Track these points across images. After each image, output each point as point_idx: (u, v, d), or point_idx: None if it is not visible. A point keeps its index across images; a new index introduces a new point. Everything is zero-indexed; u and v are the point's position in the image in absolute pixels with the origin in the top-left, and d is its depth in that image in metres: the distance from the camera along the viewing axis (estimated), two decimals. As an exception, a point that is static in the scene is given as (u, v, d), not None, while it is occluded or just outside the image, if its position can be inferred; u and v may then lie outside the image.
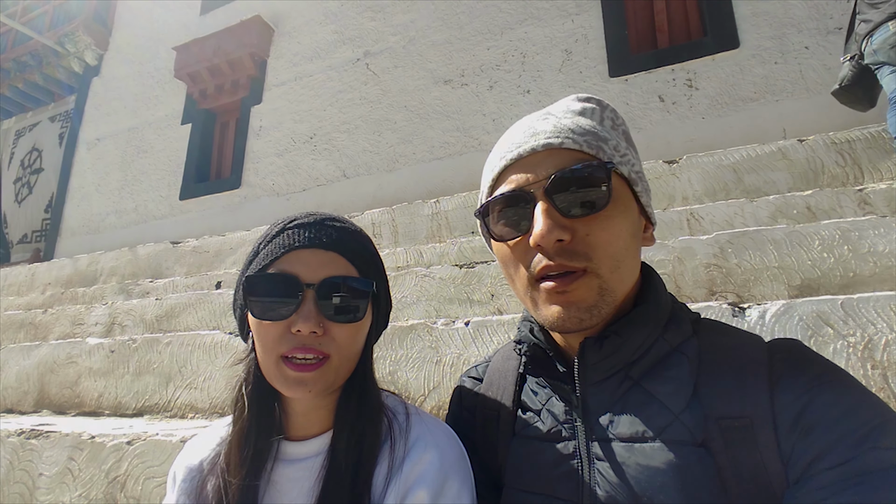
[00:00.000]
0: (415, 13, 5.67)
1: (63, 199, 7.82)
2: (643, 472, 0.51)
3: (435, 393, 1.72)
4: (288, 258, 0.61)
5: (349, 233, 0.66)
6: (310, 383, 0.59)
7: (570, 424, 0.58)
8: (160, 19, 7.89)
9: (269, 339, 0.60)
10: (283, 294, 0.59)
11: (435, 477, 0.59)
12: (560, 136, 0.56)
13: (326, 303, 0.60)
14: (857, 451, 0.43)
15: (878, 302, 1.27)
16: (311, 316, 0.58)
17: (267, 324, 0.60)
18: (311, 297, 0.59)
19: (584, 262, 0.53)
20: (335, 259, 0.62)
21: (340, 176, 5.61)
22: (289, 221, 0.65)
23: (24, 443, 1.75)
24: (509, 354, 0.71)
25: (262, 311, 0.60)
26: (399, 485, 0.60)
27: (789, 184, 2.74)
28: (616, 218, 0.55)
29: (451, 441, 0.64)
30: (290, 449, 0.64)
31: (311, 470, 0.62)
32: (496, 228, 0.59)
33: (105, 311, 3.38)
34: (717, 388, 0.52)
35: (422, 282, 2.47)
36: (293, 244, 0.61)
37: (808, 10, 3.90)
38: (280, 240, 0.62)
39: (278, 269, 0.61)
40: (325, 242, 0.62)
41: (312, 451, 0.64)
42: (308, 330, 0.58)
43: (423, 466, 0.60)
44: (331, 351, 0.60)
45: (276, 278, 0.60)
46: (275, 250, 0.62)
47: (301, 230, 0.63)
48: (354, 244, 0.65)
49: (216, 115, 7.04)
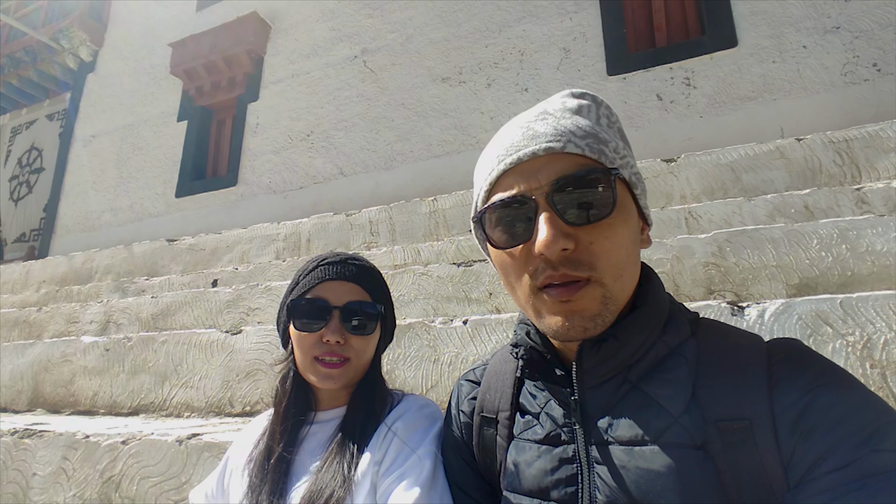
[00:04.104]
0: (412, 10, 5.65)
1: (58, 197, 7.77)
2: (643, 475, 0.50)
3: (433, 391, 1.71)
4: (321, 287, 0.84)
5: (365, 269, 0.90)
6: (336, 377, 0.82)
7: (569, 428, 0.57)
8: (156, 15, 7.84)
9: (307, 345, 0.82)
10: (318, 314, 0.83)
11: (411, 416, 0.81)
12: (562, 140, 0.54)
13: (348, 321, 0.83)
14: (858, 453, 0.42)
15: (876, 301, 1.27)
16: (337, 330, 0.81)
17: (305, 334, 0.83)
18: (337, 316, 0.82)
19: (587, 271, 0.52)
20: (355, 288, 0.85)
21: (338, 174, 5.60)
22: (321, 260, 0.89)
23: (17, 442, 1.74)
24: (506, 357, 0.70)
25: (302, 325, 0.83)
26: (383, 425, 0.81)
27: (787, 183, 2.75)
28: (619, 226, 0.54)
29: (430, 407, 0.86)
30: (319, 416, 0.88)
31: (330, 427, 0.85)
32: (495, 235, 0.57)
33: (100, 309, 3.36)
34: (715, 390, 0.51)
35: (419, 280, 2.46)
36: (325, 277, 0.85)
37: (805, 9, 3.90)
38: (315, 273, 0.86)
39: (314, 295, 0.84)
40: (348, 276, 0.86)
41: (332, 416, 0.87)
42: (334, 340, 0.81)
43: (402, 410, 0.83)
44: (350, 355, 0.83)
45: (312, 302, 0.84)
46: (312, 281, 0.85)
47: (331, 266, 0.87)
48: (369, 277, 0.89)
49: (212, 112, 7.00)
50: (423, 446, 0.75)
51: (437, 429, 0.79)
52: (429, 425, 0.80)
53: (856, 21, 3.71)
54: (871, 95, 3.55)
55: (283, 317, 0.89)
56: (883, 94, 3.51)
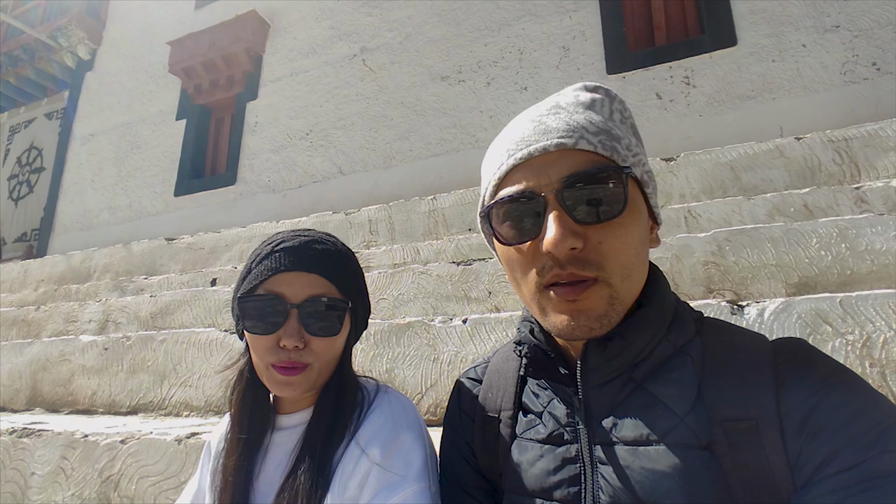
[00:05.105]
0: (412, 9, 5.64)
1: (56, 196, 7.74)
2: (647, 475, 0.50)
3: (432, 391, 1.71)
4: (275, 280, 0.70)
5: (330, 254, 0.74)
6: (294, 385, 0.69)
7: (573, 428, 0.57)
8: (154, 13, 7.81)
9: (261, 349, 0.70)
10: (271, 313, 0.69)
11: (387, 435, 0.69)
12: (574, 136, 0.53)
13: (308, 320, 0.69)
14: (866, 454, 0.42)
15: (876, 300, 1.27)
16: (294, 333, 0.68)
17: (258, 336, 0.69)
18: (295, 316, 0.69)
19: (595, 271, 0.51)
20: (316, 280, 0.71)
21: (337, 173, 5.59)
22: (277, 243, 0.73)
23: (15, 441, 1.73)
24: (509, 355, 0.69)
25: (253, 326, 0.69)
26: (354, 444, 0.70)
27: (786, 182, 2.74)
28: (629, 226, 0.53)
29: (407, 408, 0.75)
30: (281, 420, 0.77)
31: (295, 435, 0.74)
32: (502, 230, 0.56)
33: (99, 308, 3.35)
34: (721, 389, 0.51)
35: (419, 279, 2.46)
36: (279, 267, 0.70)
37: (805, 8, 3.90)
38: (269, 262, 0.71)
39: (267, 290, 0.70)
40: (308, 265, 0.71)
41: (296, 421, 0.76)
42: (292, 345, 0.67)
43: (376, 427, 0.70)
44: (311, 360, 0.70)
45: (264, 298, 0.69)
46: (264, 272, 0.70)
47: (287, 254, 0.71)
48: (334, 265, 0.74)
49: (211, 110, 6.98)
50: (413, 470, 0.66)
51: (422, 445, 0.70)
52: (412, 441, 0.69)
53: (855, 20, 3.71)
54: (870, 94, 3.55)
55: (235, 311, 0.74)
56: (882, 93, 3.51)
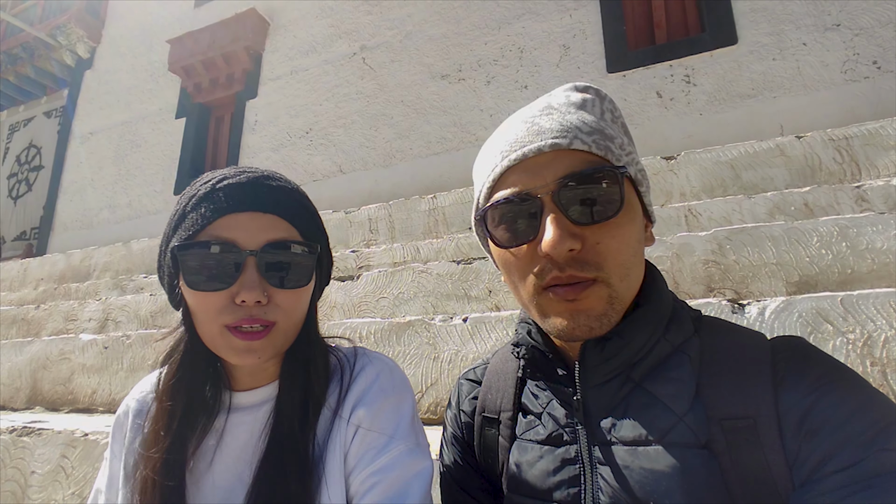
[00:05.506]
0: (411, 7, 5.63)
1: (56, 194, 7.74)
2: (647, 475, 0.49)
3: (433, 389, 1.71)
4: (223, 223, 0.56)
5: (287, 192, 0.62)
6: (258, 351, 0.57)
7: (572, 428, 0.56)
8: (154, 12, 7.80)
9: (211, 309, 0.56)
10: (223, 263, 0.55)
11: (373, 398, 0.62)
12: (568, 136, 0.52)
13: (270, 270, 0.57)
14: (865, 453, 0.42)
15: (877, 299, 1.27)
16: (255, 285, 0.55)
17: (206, 294, 0.56)
18: (253, 265, 0.56)
19: (594, 271, 0.51)
20: (275, 222, 0.58)
21: (336, 171, 5.58)
22: (219, 180, 0.58)
23: (16, 440, 1.73)
24: (507, 357, 0.69)
25: (199, 282, 0.56)
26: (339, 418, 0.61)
27: (787, 180, 2.74)
28: (626, 225, 0.53)
29: (393, 368, 0.67)
30: (238, 399, 0.64)
31: (260, 415, 0.62)
32: (498, 233, 0.55)
33: (98, 306, 3.35)
34: (719, 388, 0.51)
35: (419, 278, 2.46)
36: (228, 207, 0.56)
37: (805, 6, 3.89)
38: (211, 203, 0.57)
39: (213, 237, 0.56)
40: (264, 204, 0.58)
41: (260, 399, 0.64)
42: (253, 300, 0.55)
43: (360, 392, 0.62)
44: (277, 318, 0.58)
45: (213, 246, 0.55)
46: (207, 214, 0.56)
47: (235, 190, 0.57)
48: (295, 204, 0.61)
49: (211, 109, 6.98)
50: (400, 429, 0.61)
51: (410, 404, 0.64)
52: (398, 401, 0.63)
53: (856, 18, 3.71)
54: (871, 93, 3.54)
55: (168, 267, 0.60)
56: (883, 91, 3.51)
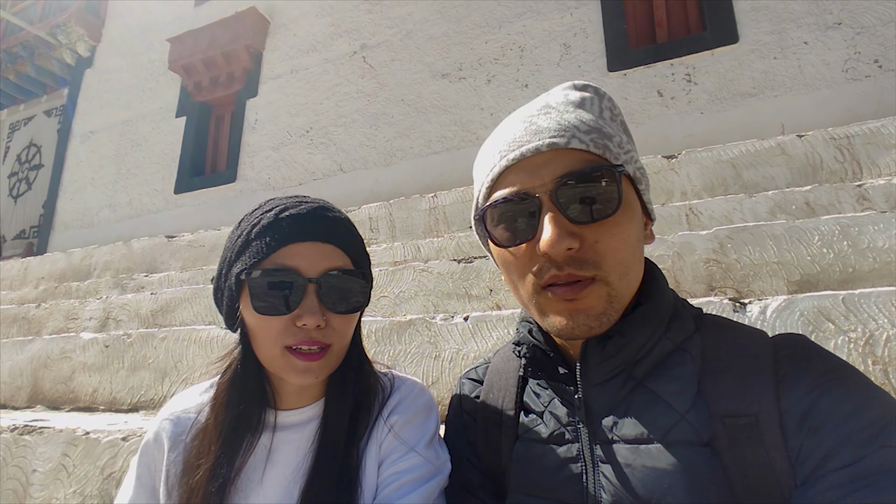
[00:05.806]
0: (412, 6, 5.62)
1: (56, 193, 7.74)
2: (649, 474, 0.49)
3: (434, 388, 1.71)
4: (286, 251, 0.62)
5: (342, 222, 0.67)
6: (316, 371, 0.63)
7: (573, 427, 0.57)
8: (154, 10, 7.79)
9: (273, 332, 0.61)
10: (286, 289, 0.61)
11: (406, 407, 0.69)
12: (566, 136, 0.52)
13: (328, 296, 0.62)
14: (866, 450, 0.42)
15: (879, 297, 1.26)
16: (316, 310, 0.61)
17: (270, 318, 0.61)
18: (314, 291, 0.61)
19: (593, 270, 0.51)
20: (332, 251, 0.64)
21: (337, 170, 5.58)
22: (281, 210, 0.64)
23: (17, 439, 1.73)
24: (509, 356, 0.69)
25: (265, 307, 0.61)
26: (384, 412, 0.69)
27: (788, 179, 2.74)
28: (625, 224, 0.53)
29: (424, 390, 0.75)
30: (283, 418, 0.69)
31: (306, 433, 0.67)
32: (497, 233, 0.56)
33: (99, 305, 3.35)
34: (721, 385, 0.51)
35: (420, 276, 2.46)
36: (291, 237, 0.62)
37: (807, 5, 3.88)
38: (276, 231, 0.62)
39: (278, 264, 0.61)
40: (323, 234, 0.64)
41: (306, 417, 0.69)
42: (314, 324, 0.60)
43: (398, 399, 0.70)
44: (333, 340, 0.64)
45: (277, 274, 0.61)
46: (272, 243, 0.61)
47: (297, 221, 0.63)
48: (348, 234, 0.67)
49: (211, 108, 6.97)
50: (422, 442, 0.67)
51: (435, 422, 0.71)
52: (425, 417, 0.70)
53: (857, 17, 3.70)
54: (872, 92, 3.53)
55: (230, 291, 0.64)
56: (884, 90, 3.50)
